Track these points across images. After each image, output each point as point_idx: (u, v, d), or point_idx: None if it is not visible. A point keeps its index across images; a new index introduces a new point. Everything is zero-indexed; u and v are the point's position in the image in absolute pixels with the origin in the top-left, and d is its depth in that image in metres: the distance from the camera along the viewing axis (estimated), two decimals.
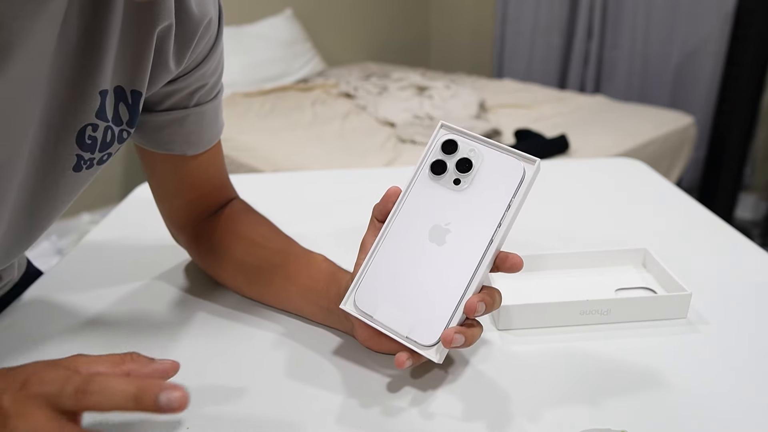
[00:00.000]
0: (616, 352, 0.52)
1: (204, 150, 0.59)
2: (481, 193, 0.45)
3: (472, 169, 0.45)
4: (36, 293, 0.63)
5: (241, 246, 0.59)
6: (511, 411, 0.45)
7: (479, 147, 0.46)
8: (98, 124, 0.47)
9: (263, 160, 2.04)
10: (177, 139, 0.56)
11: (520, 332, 0.54)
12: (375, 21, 3.60)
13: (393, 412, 0.45)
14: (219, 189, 0.63)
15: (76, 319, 0.58)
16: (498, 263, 0.45)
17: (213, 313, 0.59)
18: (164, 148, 0.56)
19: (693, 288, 0.56)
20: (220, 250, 0.60)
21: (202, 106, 0.56)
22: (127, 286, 0.65)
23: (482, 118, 2.31)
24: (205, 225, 0.62)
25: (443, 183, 0.46)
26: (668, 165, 2.20)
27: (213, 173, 0.62)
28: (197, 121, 0.56)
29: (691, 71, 2.67)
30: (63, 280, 0.66)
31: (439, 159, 0.46)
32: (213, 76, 0.56)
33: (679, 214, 0.81)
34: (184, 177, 0.59)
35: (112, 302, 0.61)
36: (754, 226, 2.65)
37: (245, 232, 0.60)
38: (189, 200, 0.61)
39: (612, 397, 0.46)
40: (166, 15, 0.47)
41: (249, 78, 2.76)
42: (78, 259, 0.71)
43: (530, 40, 3.23)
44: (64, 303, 0.61)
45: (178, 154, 0.57)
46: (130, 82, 0.49)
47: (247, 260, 0.59)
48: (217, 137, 0.60)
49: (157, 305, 0.61)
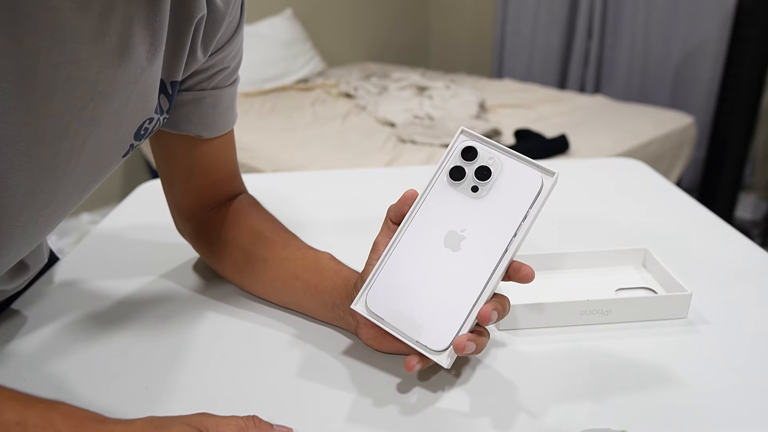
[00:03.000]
0: (616, 352, 0.52)
1: (219, 135, 0.60)
2: (499, 201, 0.45)
3: (490, 177, 0.45)
4: (36, 293, 0.63)
5: (248, 238, 0.60)
6: (511, 410, 0.45)
7: (499, 155, 0.46)
8: (153, 117, 0.50)
9: (263, 160, 2.04)
10: (194, 119, 0.57)
11: (520, 332, 0.55)
12: (375, 21, 3.60)
13: (393, 411, 0.45)
14: (229, 179, 0.64)
15: (77, 319, 0.58)
16: (510, 273, 0.45)
17: (218, 311, 0.59)
18: (181, 128, 0.57)
19: (693, 288, 0.56)
20: (226, 241, 0.61)
21: (220, 90, 0.57)
22: (127, 285, 0.65)
23: (482, 118, 2.31)
24: (212, 215, 0.63)
25: (461, 189, 0.46)
26: (668, 165, 2.20)
27: (225, 161, 0.63)
28: (214, 104, 0.57)
29: (691, 71, 2.67)
30: (63, 279, 0.66)
31: (458, 165, 0.46)
32: (234, 60, 0.57)
33: (679, 214, 0.81)
34: (197, 161, 0.60)
35: (113, 302, 0.61)
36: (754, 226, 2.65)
37: (253, 224, 0.61)
38: (199, 186, 0.62)
39: (612, 397, 0.46)
40: (202, 5, 0.49)
41: (249, 78, 2.76)
42: (78, 259, 0.71)
43: (530, 40, 3.23)
44: (64, 303, 0.61)
45: (193, 136, 0.58)
46: (170, 74, 0.51)
47: (254, 252, 0.59)
48: (232, 124, 0.61)
49: (158, 304, 0.61)
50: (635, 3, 2.78)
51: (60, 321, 0.58)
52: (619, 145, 1.99)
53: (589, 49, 3.01)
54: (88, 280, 0.66)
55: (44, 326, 0.57)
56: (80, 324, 0.58)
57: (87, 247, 0.74)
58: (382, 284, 0.46)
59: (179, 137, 0.58)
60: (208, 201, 0.63)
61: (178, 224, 0.66)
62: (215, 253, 0.63)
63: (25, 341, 0.55)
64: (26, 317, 0.59)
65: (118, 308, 0.60)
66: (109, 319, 0.58)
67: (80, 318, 0.59)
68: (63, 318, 0.59)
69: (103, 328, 0.57)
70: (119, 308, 0.60)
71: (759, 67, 2.41)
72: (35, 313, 0.60)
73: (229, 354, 0.53)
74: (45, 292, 0.64)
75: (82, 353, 0.53)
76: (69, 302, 0.61)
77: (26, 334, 0.56)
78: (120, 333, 0.56)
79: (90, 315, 0.59)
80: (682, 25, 2.65)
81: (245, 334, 0.56)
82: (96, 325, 0.57)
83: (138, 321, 0.58)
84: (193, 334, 0.56)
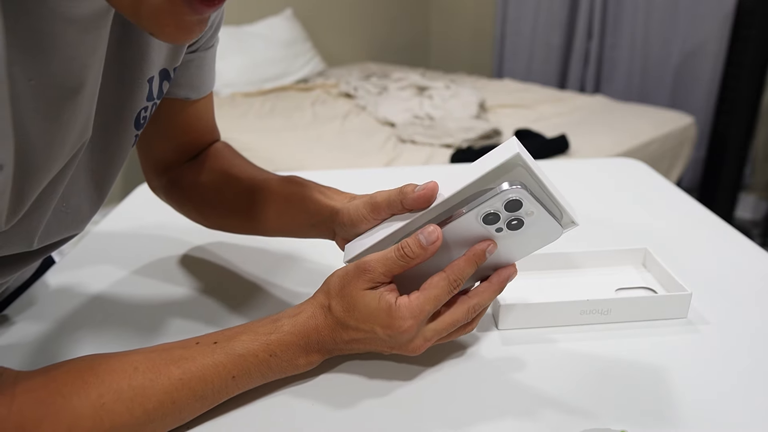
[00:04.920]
0: (616, 352, 0.52)
1: (203, 96, 0.62)
2: (515, 240, 0.45)
3: (520, 228, 0.44)
4: (36, 292, 0.63)
5: (221, 177, 0.62)
6: (511, 411, 0.45)
7: (539, 210, 0.42)
8: (148, 106, 0.51)
9: (263, 160, 2.04)
10: (182, 83, 0.58)
11: (520, 332, 0.55)
12: (375, 21, 3.60)
13: (392, 411, 0.45)
14: (208, 133, 0.66)
15: (77, 319, 0.58)
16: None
17: (218, 312, 0.59)
18: (169, 93, 0.59)
19: (693, 288, 0.56)
20: (201, 184, 0.63)
21: (204, 52, 0.59)
22: (127, 285, 0.65)
23: (482, 118, 2.31)
24: (187, 165, 0.65)
25: (485, 225, 0.44)
26: (668, 165, 2.20)
27: (207, 119, 0.65)
28: (199, 65, 0.59)
29: (691, 71, 2.67)
30: (63, 280, 0.66)
31: (496, 212, 0.42)
32: (216, 19, 0.58)
33: (679, 214, 0.81)
34: (180, 121, 0.62)
35: (113, 302, 0.61)
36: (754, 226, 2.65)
37: (223, 165, 0.63)
38: (180, 143, 0.64)
39: (612, 397, 0.46)
40: None
41: (249, 78, 2.76)
42: (78, 259, 0.71)
43: (530, 40, 3.23)
44: (64, 303, 0.61)
45: (180, 98, 0.60)
46: (173, 62, 0.52)
47: (227, 188, 0.61)
48: (213, 85, 0.64)
49: (158, 304, 0.61)
50: (635, 3, 2.78)
51: (60, 321, 0.58)
52: (619, 145, 1.99)
53: (589, 49, 3.01)
54: (88, 280, 0.66)
55: (44, 326, 0.57)
56: (80, 324, 0.58)
57: (87, 247, 0.74)
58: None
59: (166, 101, 0.60)
60: (187, 154, 0.65)
61: (150, 179, 0.68)
62: (189, 198, 0.64)
63: (25, 341, 0.55)
64: (26, 317, 0.59)
65: (118, 308, 0.60)
66: (108, 319, 0.58)
67: (80, 318, 0.59)
68: (63, 318, 0.59)
69: (102, 328, 0.57)
70: (119, 308, 0.60)
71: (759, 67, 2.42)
72: (35, 313, 0.60)
73: None
74: (44, 292, 0.64)
75: (81, 353, 0.53)
76: (69, 302, 0.61)
77: (26, 334, 0.56)
78: (120, 333, 0.56)
79: (90, 315, 0.59)
80: (682, 25, 2.65)
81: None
82: (96, 325, 0.57)
83: (138, 321, 0.58)
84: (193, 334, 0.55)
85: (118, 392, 0.40)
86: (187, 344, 0.45)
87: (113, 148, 0.49)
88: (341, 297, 0.45)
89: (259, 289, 0.64)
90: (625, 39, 2.87)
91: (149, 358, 0.43)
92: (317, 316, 0.46)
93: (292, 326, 0.45)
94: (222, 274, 0.67)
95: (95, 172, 0.49)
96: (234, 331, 0.46)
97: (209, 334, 0.46)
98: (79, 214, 0.49)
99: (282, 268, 0.68)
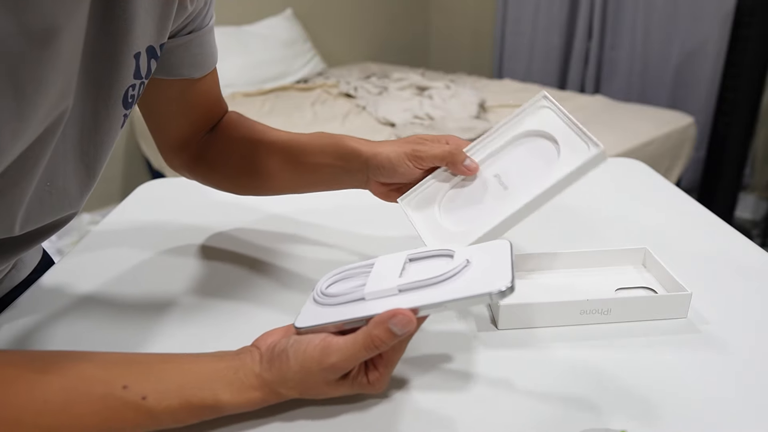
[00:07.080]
0: (617, 351, 0.52)
1: (208, 72, 0.63)
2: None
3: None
4: (36, 293, 0.64)
5: (246, 144, 0.65)
6: (511, 410, 0.45)
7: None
8: (136, 84, 0.51)
9: None
10: (186, 63, 0.60)
11: (520, 332, 0.55)
12: (375, 21, 3.60)
13: (392, 411, 0.45)
14: (218, 105, 0.68)
15: (77, 319, 0.58)
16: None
17: (218, 312, 0.59)
18: (174, 73, 0.60)
19: (693, 288, 0.56)
20: (225, 154, 0.66)
21: (203, 30, 0.60)
22: (127, 285, 0.65)
23: (482, 118, 2.31)
24: (205, 139, 0.67)
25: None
26: (668, 165, 2.20)
27: (214, 93, 0.67)
28: (200, 44, 0.60)
29: (691, 71, 2.67)
30: (63, 280, 0.66)
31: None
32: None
33: (679, 214, 0.81)
34: (191, 99, 0.64)
35: (113, 302, 0.61)
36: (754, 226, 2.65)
37: (245, 133, 0.66)
38: (192, 120, 0.66)
39: (612, 397, 0.46)
40: None
41: (249, 78, 2.76)
42: (78, 259, 0.71)
43: (530, 41, 3.23)
44: (64, 303, 0.61)
45: (186, 78, 0.60)
46: (159, 38, 0.52)
47: (256, 153, 0.64)
48: (216, 60, 0.65)
49: (158, 304, 0.61)
50: (635, 3, 2.78)
51: (60, 321, 0.58)
52: (619, 145, 1.99)
53: (589, 50, 3.01)
54: (88, 281, 0.66)
55: (44, 326, 0.57)
56: (80, 324, 0.58)
57: (87, 247, 0.74)
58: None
59: (171, 82, 0.60)
60: (201, 129, 0.67)
61: (171, 159, 0.69)
62: (217, 170, 0.67)
63: (25, 341, 0.55)
64: (25, 317, 0.59)
65: (117, 308, 0.60)
66: (108, 319, 0.58)
67: (80, 318, 0.59)
68: (63, 318, 0.59)
69: (102, 329, 0.57)
70: (119, 308, 0.60)
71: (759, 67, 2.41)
72: (34, 313, 0.60)
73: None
74: (44, 292, 0.64)
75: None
76: (69, 302, 0.61)
77: (25, 334, 0.56)
78: (120, 333, 0.56)
79: (90, 315, 0.59)
80: (682, 25, 2.65)
81: (246, 335, 0.56)
82: (96, 326, 0.57)
83: (138, 321, 0.58)
84: (193, 334, 0.56)
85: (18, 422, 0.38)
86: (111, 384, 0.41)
87: (103, 127, 0.49)
88: (298, 382, 0.43)
89: (259, 288, 0.64)
90: (624, 39, 2.87)
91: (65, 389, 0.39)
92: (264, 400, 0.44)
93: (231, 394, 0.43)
94: (222, 274, 0.67)
95: (84, 153, 0.49)
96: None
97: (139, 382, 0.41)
98: (66, 197, 0.48)
99: (282, 268, 0.68)
